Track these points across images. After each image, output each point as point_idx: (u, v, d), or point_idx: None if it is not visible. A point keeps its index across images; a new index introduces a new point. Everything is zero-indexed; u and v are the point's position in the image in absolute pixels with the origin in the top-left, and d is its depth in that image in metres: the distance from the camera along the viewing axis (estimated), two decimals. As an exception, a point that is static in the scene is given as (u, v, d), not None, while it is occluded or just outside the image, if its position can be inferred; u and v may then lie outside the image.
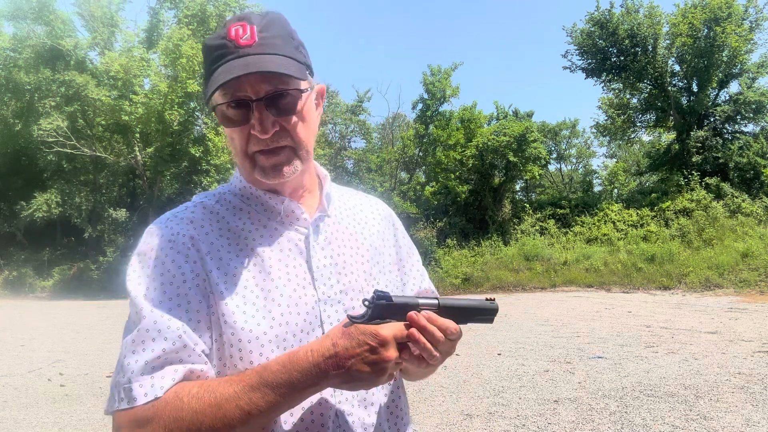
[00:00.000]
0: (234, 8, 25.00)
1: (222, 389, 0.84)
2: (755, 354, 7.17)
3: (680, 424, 4.60)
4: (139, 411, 0.84)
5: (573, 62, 26.05)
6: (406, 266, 1.21)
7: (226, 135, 1.01)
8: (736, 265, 16.73)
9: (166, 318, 0.88)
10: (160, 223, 0.98)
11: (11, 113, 25.87)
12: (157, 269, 0.92)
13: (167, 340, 0.87)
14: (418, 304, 0.92)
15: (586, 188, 29.77)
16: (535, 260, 20.29)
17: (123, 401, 0.85)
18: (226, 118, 0.96)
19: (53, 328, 12.33)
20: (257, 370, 0.86)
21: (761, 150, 22.34)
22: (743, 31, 22.90)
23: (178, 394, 0.84)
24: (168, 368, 0.86)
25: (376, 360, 0.85)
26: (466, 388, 6.04)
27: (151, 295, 0.90)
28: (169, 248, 0.94)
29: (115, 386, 0.87)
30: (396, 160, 26.89)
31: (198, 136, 24.36)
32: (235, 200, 1.05)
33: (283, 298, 0.96)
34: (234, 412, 0.83)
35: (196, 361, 0.88)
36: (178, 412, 0.82)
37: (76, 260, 25.33)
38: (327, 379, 0.86)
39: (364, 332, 0.86)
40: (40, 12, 23.94)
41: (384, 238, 1.17)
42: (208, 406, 0.83)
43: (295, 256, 1.01)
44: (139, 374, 0.85)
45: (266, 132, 0.94)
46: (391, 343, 0.87)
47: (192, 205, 1.03)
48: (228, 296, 0.93)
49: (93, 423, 5.28)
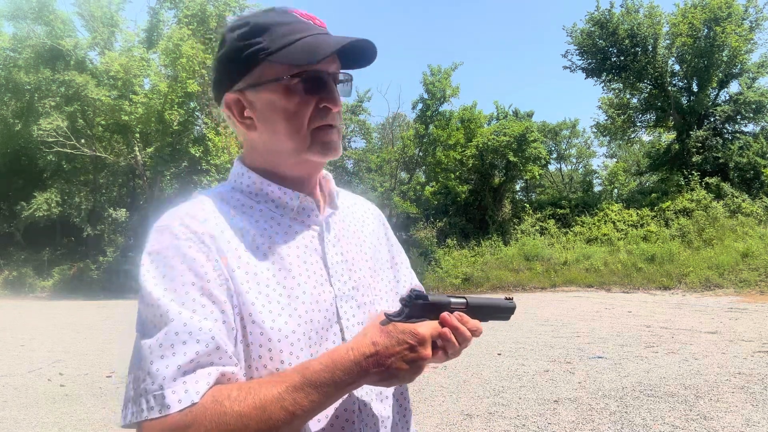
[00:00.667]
0: (234, 8, 25.00)
1: (265, 390, 0.82)
2: (755, 354, 7.17)
3: (680, 424, 4.59)
4: (175, 418, 0.79)
5: (573, 62, 26.08)
6: (398, 264, 1.23)
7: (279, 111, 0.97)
8: (736, 265, 16.73)
9: (197, 319, 0.84)
10: (172, 220, 0.93)
11: (11, 113, 25.87)
12: (176, 269, 0.87)
13: (200, 343, 0.83)
14: (450, 303, 0.95)
15: (586, 188, 29.78)
16: (535, 260, 20.30)
17: (153, 410, 0.79)
18: (303, 85, 0.96)
19: (53, 328, 12.33)
20: (298, 370, 0.85)
21: (761, 150, 22.34)
22: (743, 31, 22.90)
23: (217, 398, 0.81)
24: (200, 372, 0.82)
25: (414, 358, 0.87)
26: (466, 388, 6.04)
27: (174, 296, 0.85)
28: (188, 246, 0.89)
29: (142, 394, 0.81)
30: (396, 160, 26.89)
31: (198, 136, 24.35)
32: (242, 198, 1.03)
33: (306, 295, 0.95)
34: (279, 414, 0.81)
35: (228, 363, 0.85)
36: (221, 416, 0.79)
37: (76, 260, 25.32)
38: (367, 377, 0.86)
39: (403, 331, 0.87)
40: (40, 12, 23.94)
41: (378, 237, 1.19)
42: (253, 408, 0.80)
43: (311, 253, 1.01)
44: (172, 380, 0.80)
45: (338, 104, 0.98)
46: (429, 342, 0.89)
47: (199, 201, 0.98)
48: (253, 296, 0.91)
49: (93, 423, 5.28)
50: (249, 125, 1.01)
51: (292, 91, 0.96)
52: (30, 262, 25.69)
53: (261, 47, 0.95)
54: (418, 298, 0.90)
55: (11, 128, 25.81)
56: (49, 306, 18.66)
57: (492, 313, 1.02)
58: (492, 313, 1.02)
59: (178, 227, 0.91)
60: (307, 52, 0.93)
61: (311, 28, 0.97)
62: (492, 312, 1.02)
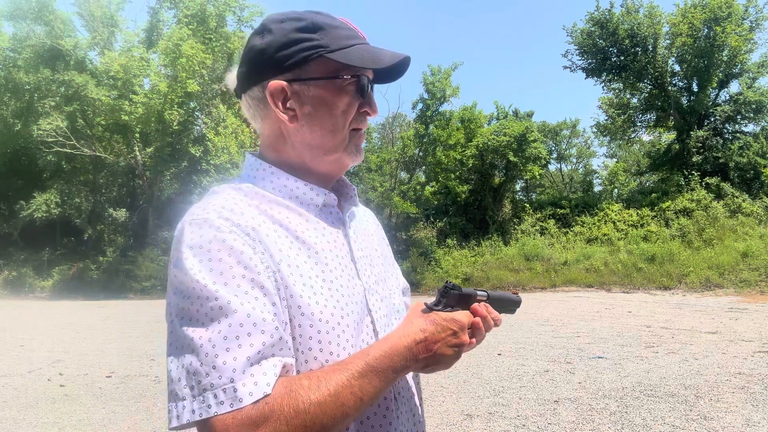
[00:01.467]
0: (234, 8, 25.02)
1: (335, 378, 0.84)
2: (755, 354, 7.17)
3: (680, 424, 4.59)
4: (249, 411, 0.78)
5: (573, 62, 26.08)
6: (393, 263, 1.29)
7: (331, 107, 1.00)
8: (736, 265, 16.73)
9: (259, 310, 0.83)
10: (208, 213, 0.91)
11: (11, 113, 25.88)
12: (225, 261, 0.85)
13: (264, 333, 0.82)
14: (477, 294, 1.05)
15: (586, 188, 29.79)
16: (535, 260, 20.30)
17: (224, 404, 0.77)
18: (357, 88, 1.01)
19: (53, 328, 12.33)
20: (360, 357, 0.88)
21: (761, 150, 22.34)
22: (743, 31, 22.90)
23: (291, 388, 0.81)
24: (265, 363, 0.81)
25: (457, 343, 0.96)
26: (466, 388, 6.04)
27: (228, 290, 0.84)
28: (233, 239, 0.87)
29: (207, 388, 0.79)
30: (396, 160, 26.89)
31: (198, 136, 24.37)
32: (265, 194, 1.01)
33: (344, 288, 0.98)
34: (350, 400, 0.83)
35: (287, 354, 0.85)
36: (299, 405, 0.79)
37: (75, 260, 25.33)
38: (416, 362, 0.93)
39: (446, 319, 0.96)
40: (40, 12, 23.96)
41: (381, 236, 1.25)
42: (328, 395, 0.82)
43: (340, 248, 1.03)
44: (241, 372, 0.79)
45: (377, 112, 1.05)
46: (467, 329, 0.99)
47: (229, 196, 0.96)
48: (300, 288, 0.91)
49: (93, 423, 5.28)
50: (291, 116, 1.00)
51: (344, 92, 1.00)
52: (30, 262, 25.70)
53: (320, 44, 0.98)
54: (453, 289, 1.00)
55: (11, 128, 25.82)
56: (49, 306, 18.67)
57: (505, 306, 1.13)
58: (505, 305, 1.13)
59: (219, 220, 0.89)
60: (368, 58, 0.99)
61: (359, 37, 1.03)
62: (506, 304, 1.14)
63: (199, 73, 22.46)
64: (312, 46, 0.97)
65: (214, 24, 23.72)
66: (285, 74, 0.98)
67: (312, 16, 1.01)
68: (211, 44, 23.09)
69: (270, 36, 0.99)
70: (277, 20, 1.01)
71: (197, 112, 24.49)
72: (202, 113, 24.66)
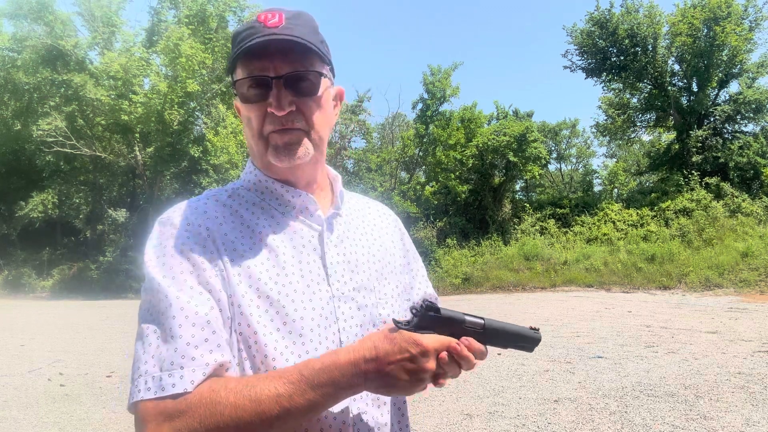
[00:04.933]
0: (234, 8, 25.02)
1: (262, 385, 0.83)
2: (755, 354, 7.17)
3: (680, 423, 4.59)
4: (169, 402, 0.81)
5: (573, 62, 26.08)
6: (414, 270, 1.23)
7: (243, 118, 1.01)
8: (736, 265, 16.72)
9: (193, 305, 0.86)
10: (173, 213, 0.97)
11: (11, 113, 25.86)
12: (175, 258, 0.91)
13: (202, 330, 0.85)
14: (464, 320, 0.90)
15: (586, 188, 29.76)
16: (535, 260, 20.29)
17: (150, 391, 0.82)
18: (245, 95, 0.98)
19: (53, 328, 12.33)
20: (299, 367, 0.85)
21: (761, 150, 22.33)
22: (743, 31, 22.89)
23: (213, 388, 0.82)
24: (199, 359, 0.84)
25: (415, 369, 0.86)
26: (466, 388, 6.04)
27: (173, 283, 0.88)
28: (186, 237, 0.93)
29: (142, 375, 0.84)
30: (396, 160, 26.87)
31: (198, 136, 24.36)
32: (248, 195, 1.05)
33: (297, 293, 0.96)
34: (273, 409, 0.81)
35: (224, 353, 0.87)
36: (216, 406, 0.80)
37: (75, 260, 25.31)
38: (366, 382, 0.86)
39: (407, 339, 0.86)
40: (40, 12, 23.94)
41: (393, 241, 1.19)
42: (249, 401, 0.81)
43: (309, 252, 1.02)
44: (170, 364, 0.83)
45: (282, 109, 0.95)
46: (432, 355, 0.87)
47: (204, 197, 1.03)
48: (243, 288, 0.93)
49: (93, 423, 5.28)
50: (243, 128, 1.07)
51: (244, 99, 0.99)
52: (30, 262, 25.69)
53: (231, 57, 1.00)
54: (429, 309, 0.88)
55: (10, 128, 25.81)
56: (49, 306, 18.66)
57: (513, 341, 0.94)
58: (513, 340, 0.94)
59: (179, 219, 0.96)
60: (232, 63, 0.98)
61: (258, 32, 0.95)
62: (512, 339, 0.94)
63: (199, 73, 22.46)
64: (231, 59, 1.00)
65: (215, 24, 23.72)
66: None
67: (240, 25, 1.02)
68: (211, 44, 23.09)
69: None
70: None
71: (197, 112, 24.48)
72: (201, 113, 24.66)
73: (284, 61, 0.95)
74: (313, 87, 0.98)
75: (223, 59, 23.15)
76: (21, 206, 25.20)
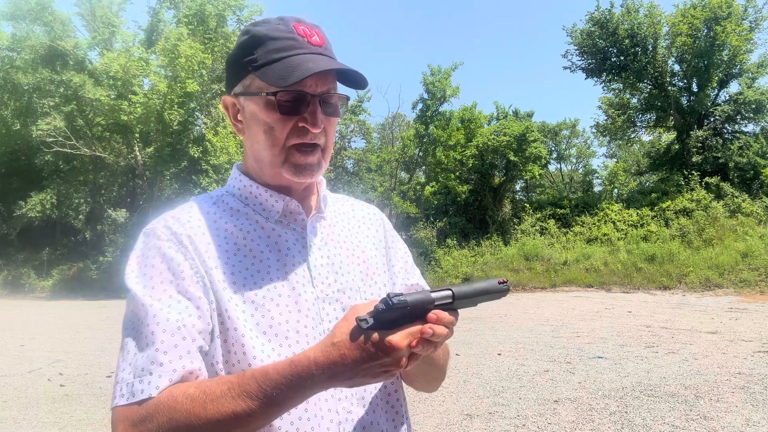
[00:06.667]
0: (234, 8, 25.00)
1: (217, 391, 0.82)
2: (755, 354, 7.17)
3: (680, 424, 4.59)
4: (136, 408, 0.84)
5: (573, 62, 26.07)
6: (394, 266, 1.20)
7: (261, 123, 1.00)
8: (736, 265, 16.72)
9: (165, 313, 0.89)
10: (157, 223, 1.00)
11: (10, 113, 25.86)
12: (156, 267, 0.93)
13: (166, 333, 0.87)
14: (433, 301, 0.86)
15: (586, 188, 29.78)
16: (535, 260, 20.28)
17: (123, 397, 0.85)
18: (281, 104, 0.98)
19: (53, 328, 12.33)
20: (255, 376, 0.83)
21: (761, 150, 22.33)
22: (743, 31, 22.89)
23: (173, 394, 0.83)
24: (167, 366, 0.86)
25: (386, 369, 0.83)
26: (466, 388, 6.04)
27: (152, 293, 0.91)
28: (167, 246, 0.95)
29: (119, 381, 0.87)
30: (396, 160, 26.87)
31: (197, 136, 24.34)
32: (232, 201, 1.08)
33: (282, 297, 0.98)
34: (229, 417, 0.81)
35: (194, 360, 0.89)
36: (172, 413, 0.82)
37: (75, 260, 25.32)
38: (332, 383, 0.84)
39: (375, 344, 0.80)
40: (39, 12, 23.93)
41: (377, 242, 1.19)
42: (202, 408, 0.82)
43: (294, 255, 1.03)
44: (140, 370, 0.85)
45: (318, 126, 0.98)
46: (405, 352, 0.82)
47: (188, 206, 1.05)
48: (228, 294, 0.95)
49: (93, 423, 5.28)
50: (240, 129, 1.07)
51: (272, 107, 0.99)
52: (29, 262, 25.68)
53: (252, 59, 1.00)
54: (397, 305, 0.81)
55: (10, 128, 25.81)
56: (49, 306, 18.66)
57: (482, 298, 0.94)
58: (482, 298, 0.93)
59: (161, 229, 0.98)
60: (282, 75, 0.96)
61: (303, 46, 0.99)
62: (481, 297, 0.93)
63: (198, 73, 22.44)
64: (246, 62, 1.01)
65: (214, 24, 23.70)
66: (235, 88, 1.05)
67: (260, 27, 1.02)
68: (210, 44, 23.08)
69: (233, 50, 1.05)
70: (240, 33, 1.06)
71: (197, 112, 24.47)
72: (201, 113, 24.66)
73: (324, 81, 1.00)
74: (338, 110, 1.04)
75: (223, 59, 23.12)
76: (20, 206, 25.19)
